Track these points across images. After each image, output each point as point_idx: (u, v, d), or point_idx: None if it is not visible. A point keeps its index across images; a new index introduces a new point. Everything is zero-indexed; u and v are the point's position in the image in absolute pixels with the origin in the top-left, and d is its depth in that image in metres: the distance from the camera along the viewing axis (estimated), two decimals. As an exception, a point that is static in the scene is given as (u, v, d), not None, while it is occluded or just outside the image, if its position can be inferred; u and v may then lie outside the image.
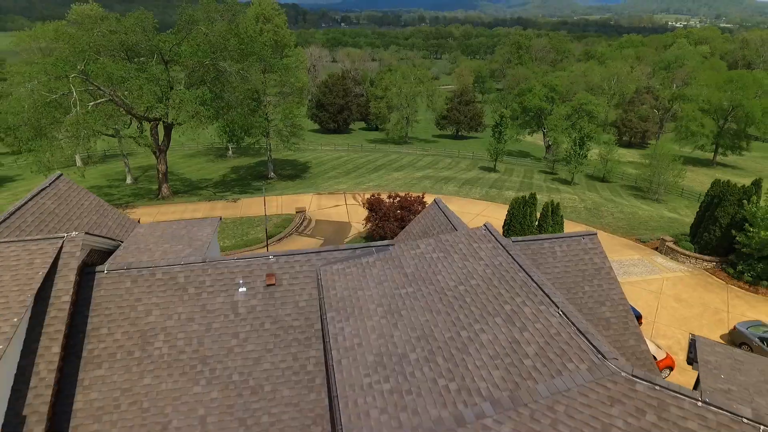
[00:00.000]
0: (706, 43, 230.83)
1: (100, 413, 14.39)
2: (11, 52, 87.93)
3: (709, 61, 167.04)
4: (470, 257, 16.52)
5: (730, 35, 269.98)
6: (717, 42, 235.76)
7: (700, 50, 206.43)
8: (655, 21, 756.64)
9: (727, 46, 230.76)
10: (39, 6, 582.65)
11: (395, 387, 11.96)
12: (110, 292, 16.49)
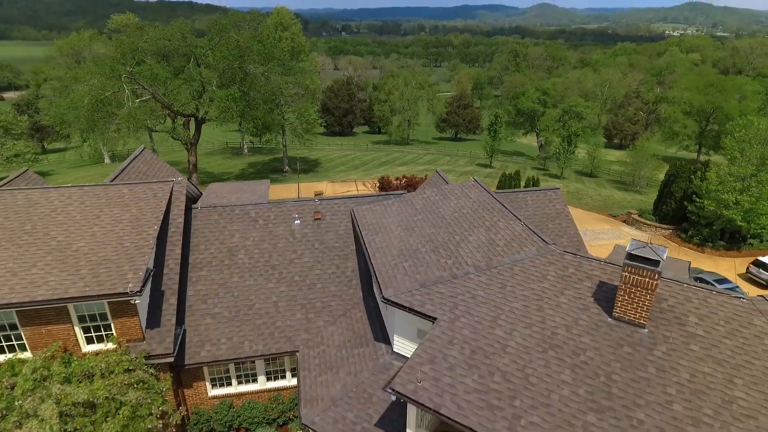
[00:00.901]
0: (697, 51, 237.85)
1: (206, 297, 20.80)
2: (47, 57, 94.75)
3: (698, 68, 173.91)
4: (462, 198, 22.94)
5: (721, 43, 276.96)
6: (708, 50, 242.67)
7: (691, 58, 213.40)
8: (652, 30, 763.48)
9: (718, 53, 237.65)
10: (44, 16, 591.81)
11: (411, 265, 18.33)
12: (203, 222, 22.91)
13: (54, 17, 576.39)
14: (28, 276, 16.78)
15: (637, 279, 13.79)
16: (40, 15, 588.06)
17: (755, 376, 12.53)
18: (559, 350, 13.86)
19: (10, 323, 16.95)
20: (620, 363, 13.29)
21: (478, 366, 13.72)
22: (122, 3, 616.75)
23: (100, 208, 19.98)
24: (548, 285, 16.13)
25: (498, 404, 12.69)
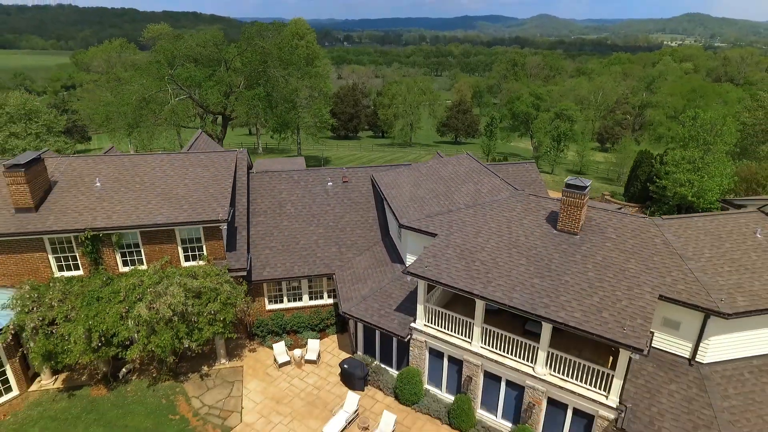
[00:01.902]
0: (690, 60, 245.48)
1: (264, 236, 27.69)
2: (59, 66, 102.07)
3: (687, 76, 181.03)
4: (457, 165, 29.89)
5: (714, 53, 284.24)
6: (700, 59, 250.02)
7: (684, 67, 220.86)
8: (650, 41, 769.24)
9: (711, 63, 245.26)
10: (51, 26, 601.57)
11: (419, 205, 25.21)
12: (259, 182, 29.86)
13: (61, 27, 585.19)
14: (147, 208, 23.74)
15: (571, 200, 20.71)
16: (47, 25, 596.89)
17: (643, 256, 19.40)
18: (519, 248, 20.73)
19: (134, 242, 23.85)
20: (558, 253, 20.17)
21: (464, 258, 20.60)
22: (127, 14, 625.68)
23: (186, 168, 26.96)
24: (515, 213, 23.05)
25: (477, 276, 19.55)
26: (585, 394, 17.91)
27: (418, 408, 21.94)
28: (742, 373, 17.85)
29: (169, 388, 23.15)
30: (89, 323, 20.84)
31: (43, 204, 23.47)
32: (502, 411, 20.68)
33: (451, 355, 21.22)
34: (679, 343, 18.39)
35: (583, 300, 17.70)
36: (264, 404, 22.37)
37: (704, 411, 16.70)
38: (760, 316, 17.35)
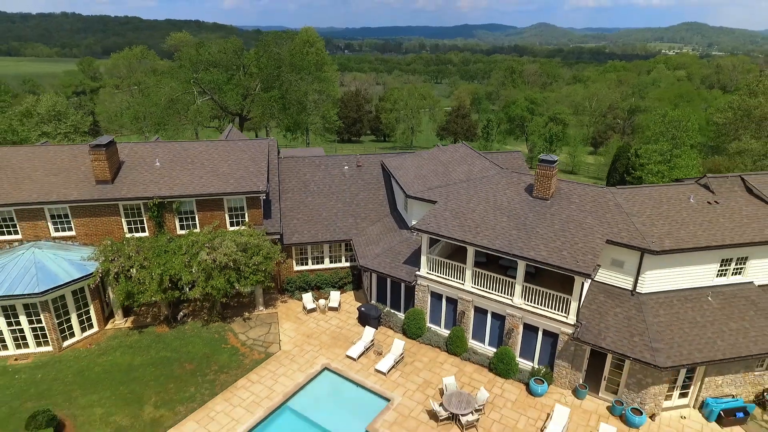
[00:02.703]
0: (683, 68, 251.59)
1: (292, 209, 33.10)
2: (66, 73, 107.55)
3: (678, 83, 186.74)
4: (454, 152, 35.38)
5: (707, 61, 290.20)
6: (694, 67, 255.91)
7: (677, 75, 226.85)
8: (648, 49, 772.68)
9: (704, 71, 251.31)
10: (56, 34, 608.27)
11: (422, 181, 30.64)
12: (286, 165, 35.32)
13: (65, 35, 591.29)
14: (200, 182, 29.19)
15: (543, 172, 26.15)
16: (51, 33, 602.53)
17: (598, 214, 24.81)
18: (502, 210, 26.15)
19: (190, 210, 29.27)
20: (532, 213, 25.59)
21: (458, 217, 26.02)
22: (131, 22, 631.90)
23: (228, 152, 32.44)
24: (500, 186, 28.50)
25: (468, 230, 24.96)
26: (551, 316, 23.29)
27: (422, 340, 27.31)
28: (671, 300, 23.24)
29: (219, 328, 28.52)
30: (161, 269, 26.26)
31: (116, 178, 28.96)
32: (488, 339, 26.04)
33: (448, 295, 26.61)
34: (623, 278, 23.79)
35: (549, 244, 23.12)
36: (297, 338, 27.73)
37: (639, 325, 22.08)
38: (682, 254, 22.74)
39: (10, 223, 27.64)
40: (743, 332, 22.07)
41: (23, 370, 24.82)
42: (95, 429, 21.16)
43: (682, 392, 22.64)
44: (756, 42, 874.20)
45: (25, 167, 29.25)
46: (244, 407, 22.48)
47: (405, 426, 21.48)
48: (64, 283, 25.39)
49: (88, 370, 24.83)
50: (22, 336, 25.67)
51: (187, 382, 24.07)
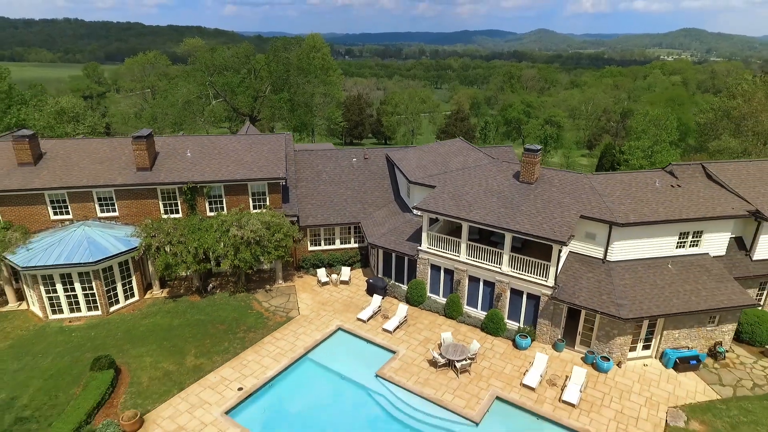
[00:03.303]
0: (679, 73, 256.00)
1: (306, 195, 37.04)
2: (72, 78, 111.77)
3: (672, 88, 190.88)
4: (451, 146, 39.37)
5: (702, 66, 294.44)
6: (689, 72, 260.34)
7: (672, 80, 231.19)
8: (646, 55, 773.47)
9: (699, 76, 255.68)
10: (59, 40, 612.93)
11: (423, 169, 34.61)
12: (301, 157, 39.32)
13: (68, 41, 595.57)
14: (228, 170, 33.16)
15: (528, 159, 30.11)
16: (54, 39, 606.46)
17: (575, 195, 28.71)
18: (492, 193, 30.10)
19: (219, 194, 33.22)
20: (519, 195, 29.53)
21: (454, 199, 29.97)
22: (133, 28, 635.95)
23: (250, 144, 36.43)
24: (491, 173, 32.46)
25: (462, 208, 28.91)
26: (533, 281, 27.23)
27: (423, 307, 31.23)
28: (636, 267, 27.16)
29: (244, 297, 32.42)
30: (196, 243, 30.22)
31: (154, 165, 32.94)
32: (481, 304, 29.95)
33: (446, 267, 30.55)
34: (596, 248, 27.71)
35: (532, 219, 27.08)
36: (313, 306, 31.65)
37: (607, 286, 26.00)
38: (645, 227, 26.67)
39: (63, 204, 31.58)
40: (696, 293, 26.00)
41: (77, 330, 28.72)
42: (146, 373, 25.04)
43: (645, 344, 26.54)
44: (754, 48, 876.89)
45: (72, 157, 33.23)
46: (271, 357, 26.38)
47: (409, 371, 25.38)
48: (112, 254, 29.33)
49: (134, 329, 28.73)
50: (76, 301, 29.57)
51: (220, 338, 27.96)
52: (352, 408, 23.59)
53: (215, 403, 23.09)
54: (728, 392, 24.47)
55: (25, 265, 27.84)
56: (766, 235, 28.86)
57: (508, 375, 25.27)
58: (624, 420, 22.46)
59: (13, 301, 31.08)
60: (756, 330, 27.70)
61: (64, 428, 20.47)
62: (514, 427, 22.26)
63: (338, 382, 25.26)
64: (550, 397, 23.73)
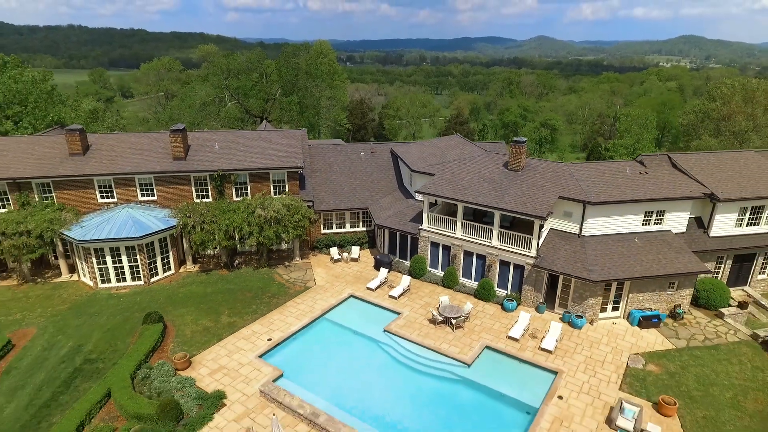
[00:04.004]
0: (675, 79, 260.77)
1: (320, 184, 41.59)
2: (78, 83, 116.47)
3: (667, 93, 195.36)
4: (449, 140, 43.93)
5: (697, 73, 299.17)
6: (685, 78, 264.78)
7: (668, 85, 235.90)
8: (646, 62, 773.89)
9: (695, 82, 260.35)
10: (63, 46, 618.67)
11: (424, 160, 39.16)
12: (314, 151, 43.89)
13: (73, 47, 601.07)
14: (252, 159, 37.73)
15: (515, 150, 34.66)
16: (58, 45, 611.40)
17: (555, 180, 33.24)
18: (484, 179, 34.61)
19: (244, 181, 37.76)
20: (507, 180, 34.04)
21: (451, 184, 34.49)
22: (136, 34, 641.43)
23: (270, 139, 41.00)
24: (484, 163, 36.98)
25: (458, 191, 33.42)
26: (519, 252, 31.70)
27: (424, 279, 35.68)
28: (607, 241, 31.62)
29: (266, 271, 36.89)
30: (226, 222, 34.75)
31: (187, 156, 37.49)
32: (474, 275, 34.40)
33: (444, 243, 35.04)
34: (572, 225, 32.17)
35: (517, 199, 31.59)
36: (327, 278, 36.12)
37: (581, 256, 30.47)
38: (613, 206, 31.13)
39: (109, 189, 36.13)
40: (656, 261, 30.47)
41: (124, 296, 33.20)
42: (189, 328, 29.50)
43: (614, 306, 30.97)
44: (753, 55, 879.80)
45: (116, 148, 37.82)
46: (293, 317, 30.84)
47: (412, 327, 29.82)
48: (154, 231, 33.86)
49: (174, 295, 33.20)
50: (122, 272, 34.07)
51: (249, 303, 32.43)
52: (364, 355, 28.01)
53: (249, 349, 27.53)
54: (682, 344, 28.88)
55: (81, 239, 32.37)
56: (721, 214, 33.33)
57: (497, 330, 29.71)
58: (592, 363, 26.88)
59: (66, 273, 35.59)
60: (711, 296, 32.11)
61: (128, 365, 24.93)
62: (499, 368, 26.67)
63: (351, 336, 29.70)
64: (530, 347, 28.17)
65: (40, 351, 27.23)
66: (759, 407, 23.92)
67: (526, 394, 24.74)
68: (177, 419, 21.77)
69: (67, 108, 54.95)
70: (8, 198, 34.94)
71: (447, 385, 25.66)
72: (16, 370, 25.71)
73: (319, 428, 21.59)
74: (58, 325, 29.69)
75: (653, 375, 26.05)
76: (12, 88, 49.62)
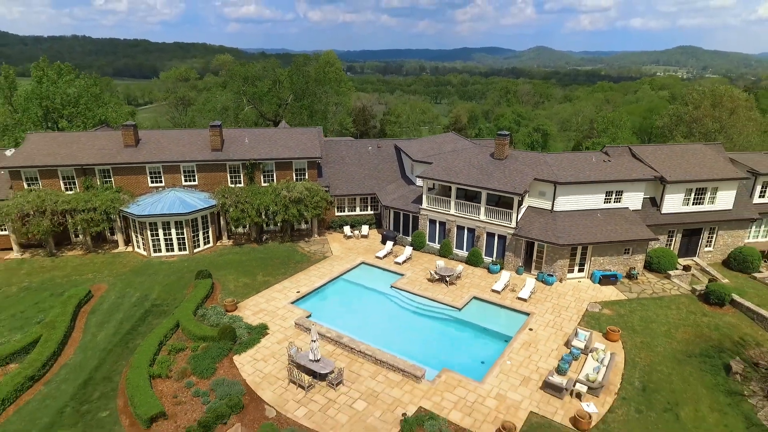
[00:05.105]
0: (667, 88, 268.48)
1: (334, 173, 48.42)
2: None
3: (658, 101, 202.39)
4: (445, 137, 50.81)
5: (689, 82, 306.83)
6: (676, 88, 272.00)
7: (660, 94, 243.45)
8: (643, 72, 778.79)
9: (686, 91, 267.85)
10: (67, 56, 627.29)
11: (423, 152, 45.97)
12: (328, 145, 50.79)
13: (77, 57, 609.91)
14: (278, 151, 44.54)
15: (500, 141, 41.51)
16: (63, 55, 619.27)
17: (533, 167, 40.07)
18: (474, 165, 41.40)
19: (270, 169, 44.57)
20: (493, 167, 40.83)
21: (446, 170, 41.27)
22: (140, 45, 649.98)
23: (291, 135, 47.87)
24: (474, 153, 43.80)
25: (452, 175, 40.18)
26: (501, 224, 38.43)
27: (423, 251, 42.38)
28: (574, 215, 38.34)
29: (290, 245, 43.59)
30: (257, 202, 41.51)
31: (222, 148, 44.31)
32: (465, 246, 41.10)
33: (440, 220, 41.76)
34: (546, 203, 38.91)
35: (501, 181, 38.36)
36: (342, 250, 42.82)
37: (552, 227, 37.18)
38: (579, 185, 37.85)
39: (158, 175, 42.89)
40: (614, 230, 37.19)
41: (173, 263, 39.87)
42: (231, 284, 36.14)
43: (580, 268, 37.66)
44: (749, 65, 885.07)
45: (161, 141, 44.63)
46: (316, 277, 37.51)
47: (413, 284, 36.47)
48: (199, 209, 40.61)
49: (215, 262, 39.86)
50: (170, 243, 40.76)
51: (278, 267, 39.12)
52: (375, 304, 34.67)
53: (282, 299, 34.20)
54: (634, 296, 35.55)
55: (140, 214, 39.13)
56: (670, 194, 40.07)
57: (483, 286, 36.39)
58: (558, 308, 33.54)
59: (122, 245, 42.31)
60: (662, 261, 38.77)
61: (190, 306, 31.57)
62: (484, 312, 33.33)
63: (364, 290, 36.40)
64: (510, 297, 34.85)
65: (114, 299, 33.89)
66: (686, 336, 30.59)
67: (504, 329, 31.39)
68: (233, 340, 28.39)
69: (109, 109, 61.88)
70: (75, 182, 41.66)
71: (441, 323, 32.33)
72: (98, 312, 32.36)
73: (343, 346, 28.24)
74: (124, 281, 36.38)
75: (606, 316, 32.72)
76: (67, 92, 56.64)
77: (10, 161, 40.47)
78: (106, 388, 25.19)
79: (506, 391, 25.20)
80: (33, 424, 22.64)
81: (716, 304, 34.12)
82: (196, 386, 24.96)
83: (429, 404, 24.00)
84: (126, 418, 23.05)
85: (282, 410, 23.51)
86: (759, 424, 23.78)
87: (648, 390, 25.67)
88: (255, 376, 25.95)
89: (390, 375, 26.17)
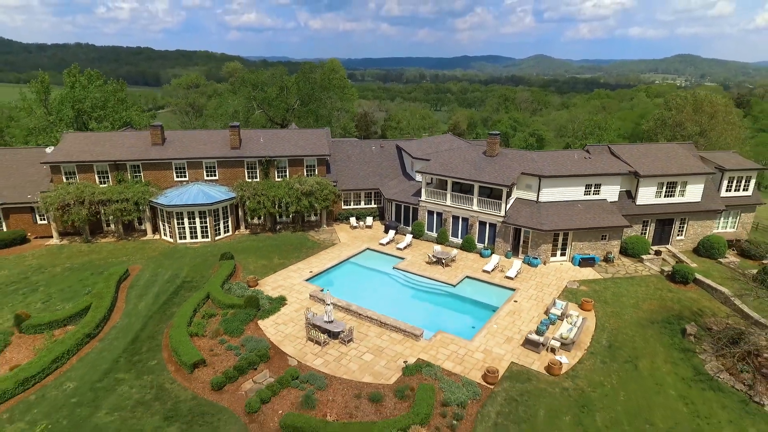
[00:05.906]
0: (662, 96, 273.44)
1: (341, 170, 53.01)
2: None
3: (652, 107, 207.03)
4: (443, 138, 55.45)
5: (684, 90, 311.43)
6: (671, 95, 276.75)
7: (656, 102, 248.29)
8: (642, 80, 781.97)
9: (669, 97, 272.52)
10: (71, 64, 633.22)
11: (422, 150, 50.57)
12: (335, 145, 55.39)
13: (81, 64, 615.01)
14: (291, 149, 49.18)
15: (491, 140, 46.14)
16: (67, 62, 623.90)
17: (521, 162, 44.65)
18: (468, 162, 45.97)
19: (283, 165, 49.17)
20: (485, 163, 45.41)
21: (442, 166, 45.84)
22: (143, 52, 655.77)
23: (301, 135, 52.52)
24: (468, 151, 48.38)
25: (448, 170, 44.74)
26: (492, 214, 42.97)
27: (422, 239, 46.90)
28: (557, 206, 42.83)
29: (301, 234, 48.11)
30: (272, 194, 46.08)
31: (241, 146, 48.93)
32: (460, 234, 45.60)
33: (437, 211, 46.29)
34: (532, 194, 43.43)
35: (491, 175, 42.93)
36: (348, 239, 47.33)
37: (537, 215, 41.70)
38: (561, 179, 42.38)
39: (182, 170, 47.48)
40: (593, 219, 41.72)
41: (198, 248, 44.37)
42: (251, 265, 40.62)
43: (562, 252, 42.15)
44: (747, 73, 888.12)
45: (185, 140, 49.26)
46: (326, 260, 42.01)
47: (413, 265, 40.96)
48: (220, 200, 45.17)
49: (234, 248, 44.35)
50: (194, 231, 45.27)
51: (292, 252, 43.62)
52: (379, 282, 39.14)
53: (297, 277, 38.67)
54: (609, 276, 40.03)
55: (168, 204, 43.70)
56: (643, 188, 44.60)
57: (475, 268, 40.88)
58: (540, 285, 38.03)
59: (150, 233, 46.83)
60: (636, 247, 43.25)
61: (217, 281, 36.06)
62: (475, 288, 37.80)
63: (369, 271, 40.89)
64: (498, 276, 39.34)
65: (149, 276, 38.39)
66: (651, 307, 35.06)
67: (493, 301, 35.85)
68: (257, 308, 32.86)
69: (132, 112, 66.62)
70: (108, 176, 46.23)
71: (438, 297, 36.81)
72: (137, 286, 36.84)
73: (352, 312, 32.71)
74: (156, 263, 40.89)
75: (582, 291, 37.19)
76: (96, 96, 61.40)
77: (51, 157, 45.09)
78: (152, 344, 29.64)
79: (492, 347, 29.65)
80: (94, 370, 27.09)
81: (681, 282, 38.61)
82: (228, 342, 29.41)
83: (426, 356, 28.42)
84: (171, 365, 27.48)
85: (302, 360, 27.96)
86: (705, 373, 28.22)
87: (613, 347, 30.13)
88: (278, 336, 30.40)
89: (393, 335, 30.62)
